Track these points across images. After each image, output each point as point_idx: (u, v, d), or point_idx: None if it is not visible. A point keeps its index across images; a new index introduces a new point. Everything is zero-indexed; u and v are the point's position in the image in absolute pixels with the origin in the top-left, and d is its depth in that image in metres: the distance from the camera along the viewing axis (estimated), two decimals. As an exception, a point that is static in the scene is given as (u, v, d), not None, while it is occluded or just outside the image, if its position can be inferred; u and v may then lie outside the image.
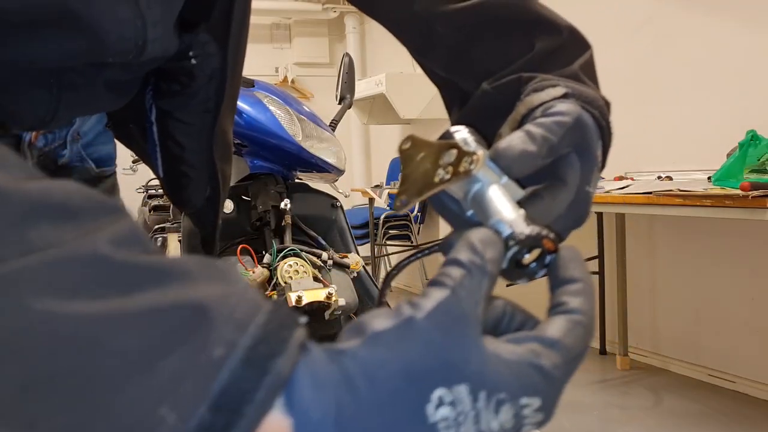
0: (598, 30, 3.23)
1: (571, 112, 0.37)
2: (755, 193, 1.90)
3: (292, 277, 1.37)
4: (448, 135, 0.38)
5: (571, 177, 0.38)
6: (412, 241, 4.45)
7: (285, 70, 5.73)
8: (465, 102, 0.49)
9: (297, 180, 1.72)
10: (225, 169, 0.65)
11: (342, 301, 1.34)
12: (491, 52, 0.48)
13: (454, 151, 0.34)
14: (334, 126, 1.91)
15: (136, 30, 0.44)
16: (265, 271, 1.39)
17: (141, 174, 2.69)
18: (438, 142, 0.36)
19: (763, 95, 2.57)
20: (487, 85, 0.46)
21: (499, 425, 0.25)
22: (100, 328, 0.21)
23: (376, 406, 0.24)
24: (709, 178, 2.30)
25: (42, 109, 0.47)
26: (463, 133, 0.38)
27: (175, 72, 0.56)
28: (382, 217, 4.23)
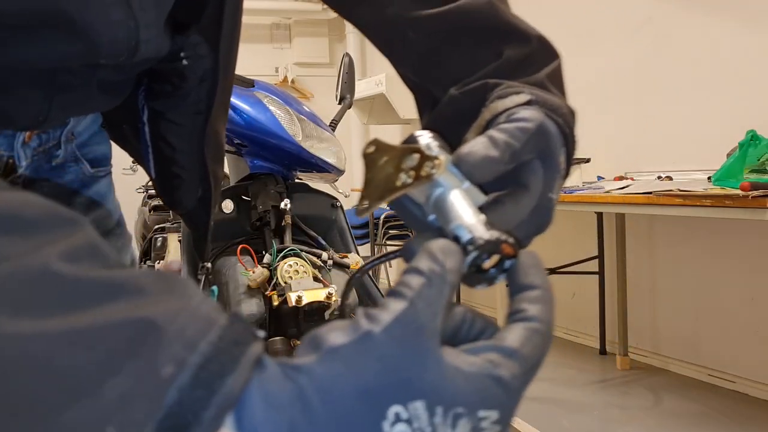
0: (599, 30, 3.24)
1: (534, 119, 0.37)
2: (755, 193, 1.90)
3: (292, 277, 1.37)
4: (412, 139, 0.38)
5: (534, 183, 0.38)
6: (412, 241, 4.43)
7: (285, 70, 5.72)
8: (435, 107, 0.49)
9: (297, 180, 1.72)
10: (217, 170, 0.65)
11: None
12: (461, 59, 0.48)
13: (417, 155, 0.34)
14: (334, 126, 1.90)
15: (129, 31, 0.44)
16: (265, 271, 1.39)
17: (141, 174, 2.67)
18: (401, 146, 0.36)
19: (763, 95, 2.56)
20: (455, 90, 0.46)
21: None
22: (46, 347, 0.20)
23: (330, 425, 0.24)
24: (709, 178, 2.29)
25: (35, 109, 0.47)
26: (426, 137, 0.38)
27: (167, 73, 0.56)
28: (382, 217, 4.22)
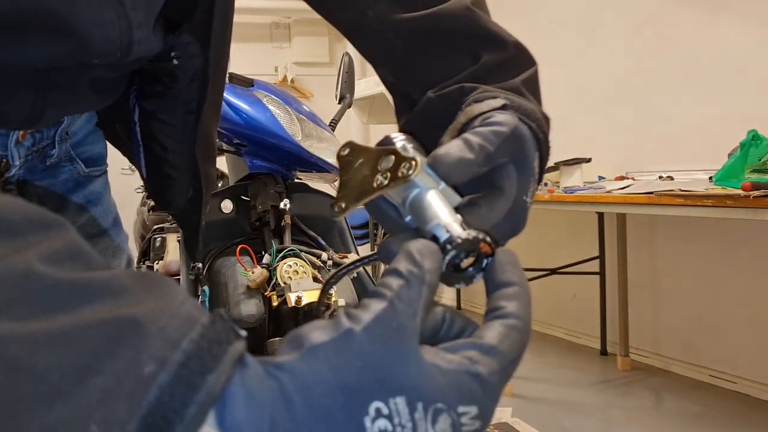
0: (600, 29, 3.23)
1: (508, 123, 0.38)
2: (756, 193, 1.90)
3: (291, 277, 1.36)
4: (388, 141, 0.39)
5: (508, 186, 0.38)
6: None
7: (284, 69, 5.71)
8: (413, 110, 0.50)
9: (296, 180, 1.71)
10: (208, 170, 0.64)
11: (342, 302, 1.34)
12: (439, 62, 0.49)
13: (392, 157, 0.34)
14: (333, 125, 1.90)
15: (121, 31, 0.44)
16: (264, 271, 1.38)
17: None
18: (376, 148, 0.37)
19: (764, 94, 2.56)
20: (432, 93, 0.47)
21: None
22: (26, 349, 0.20)
23: (312, 421, 0.24)
24: (710, 177, 2.29)
25: (27, 107, 0.47)
26: (401, 139, 0.38)
27: (157, 73, 0.56)
28: (382, 217, 4.21)
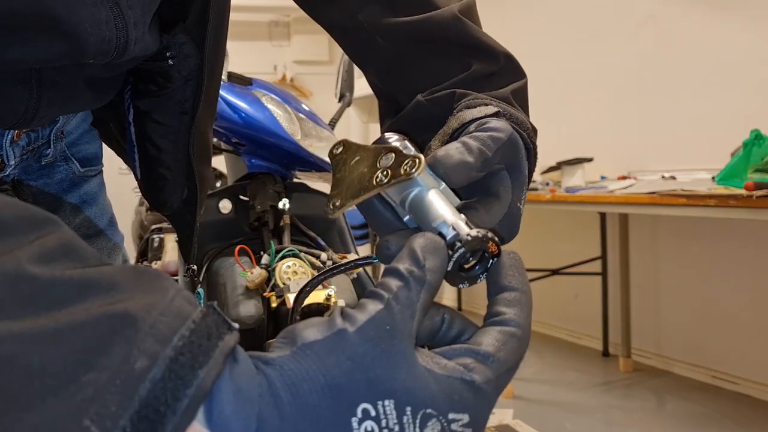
0: (602, 28, 3.22)
1: (505, 129, 0.38)
2: (759, 192, 1.89)
3: (290, 278, 1.35)
4: (384, 141, 0.38)
5: (504, 193, 0.38)
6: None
7: (284, 68, 5.70)
8: (400, 112, 0.50)
9: (296, 180, 1.70)
10: (203, 171, 0.64)
11: (341, 302, 1.32)
12: (428, 68, 0.49)
13: (392, 155, 0.34)
14: (333, 124, 1.89)
15: (117, 31, 0.44)
16: (263, 272, 1.36)
17: (138, 173, 2.65)
18: (374, 146, 0.36)
19: (767, 94, 2.55)
20: (422, 97, 0.47)
21: None
22: (19, 347, 0.20)
23: (299, 419, 0.24)
24: (713, 177, 2.28)
25: (22, 106, 0.46)
26: (398, 139, 0.38)
27: (152, 73, 0.56)
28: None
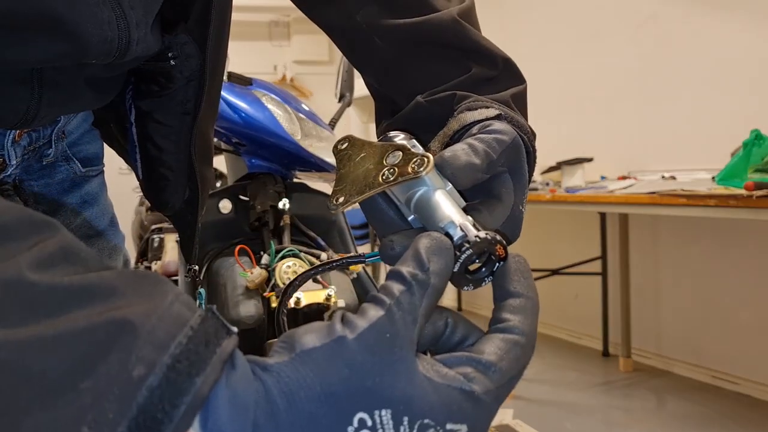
0: (602, 28, 3.21)
1: (508, 132, 0.38)
2: (759, 192, 1.89)
3: (290, 278, 1.34)
4: (390, 138, 0.38)
5: (506, 195, 0.38)
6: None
7: (284, 68, 5.69)
8: (398, 113, 0.49)
9: (296, 179, 1.69)
10: (205, 171, 0.64)
11: (342, 302, 1.32)
12: (426, 70, 0.49)
13: (399, 153, 0.34)
14: (333, 124, 1.89)
15: (119, 31, 0.44)
16: (263, 272, 1.36)
17: (138, 173, 2.64)
18: (380, 143, 0.36)
19: (767, 94, 2.55)
20: (421, 98, 0.47)
21: None
22: (21, 353, 0.20)
23: (294, 427, 0.24)
24: (713, 177, 2.28)
25: (23, 106, 0.46)
26: (405, 137, 0.38)
27: (154, 73, 0.56)
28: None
